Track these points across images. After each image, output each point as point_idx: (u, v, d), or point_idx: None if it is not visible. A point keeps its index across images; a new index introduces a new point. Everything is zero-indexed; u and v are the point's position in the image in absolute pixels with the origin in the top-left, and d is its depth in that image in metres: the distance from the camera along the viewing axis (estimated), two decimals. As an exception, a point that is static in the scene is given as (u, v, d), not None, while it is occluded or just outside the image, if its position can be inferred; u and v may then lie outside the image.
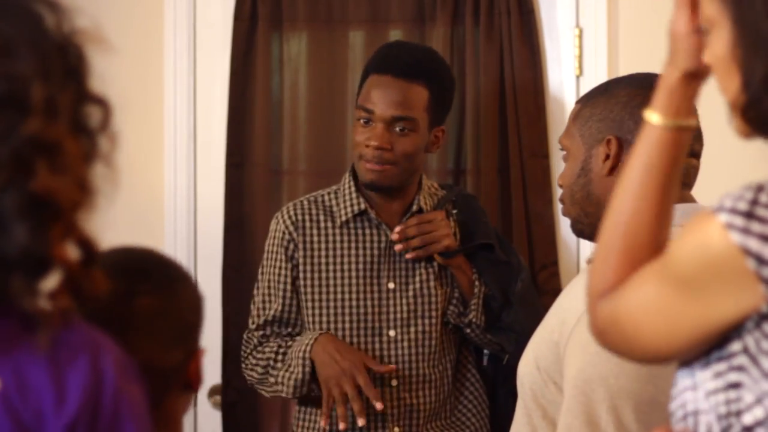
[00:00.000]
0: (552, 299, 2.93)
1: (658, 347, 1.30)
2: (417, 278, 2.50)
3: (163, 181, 3.09)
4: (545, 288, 2.99)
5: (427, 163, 3.06)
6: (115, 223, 3.68)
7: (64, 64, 1.08)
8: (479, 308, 2.50)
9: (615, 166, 1.84)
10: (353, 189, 2.52)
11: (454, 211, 2.58)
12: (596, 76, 2.91)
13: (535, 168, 2.99)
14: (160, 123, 3.09)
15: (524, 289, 2.53)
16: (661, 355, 1.31)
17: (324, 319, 2.49)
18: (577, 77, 3.00)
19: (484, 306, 2.51)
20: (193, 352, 1.42)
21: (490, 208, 3.01)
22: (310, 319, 2.50)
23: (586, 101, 1.90)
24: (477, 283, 2.51)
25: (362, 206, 2.51)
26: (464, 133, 3.05)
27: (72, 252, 1.07)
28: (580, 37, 3.00)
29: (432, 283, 2.51)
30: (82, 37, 1.10)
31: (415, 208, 2.51)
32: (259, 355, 2.53)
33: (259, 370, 2.52)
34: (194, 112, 3.11)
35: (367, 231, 2.52)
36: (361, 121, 2.44)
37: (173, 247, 3.07)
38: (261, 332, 2.54)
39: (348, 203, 2.52)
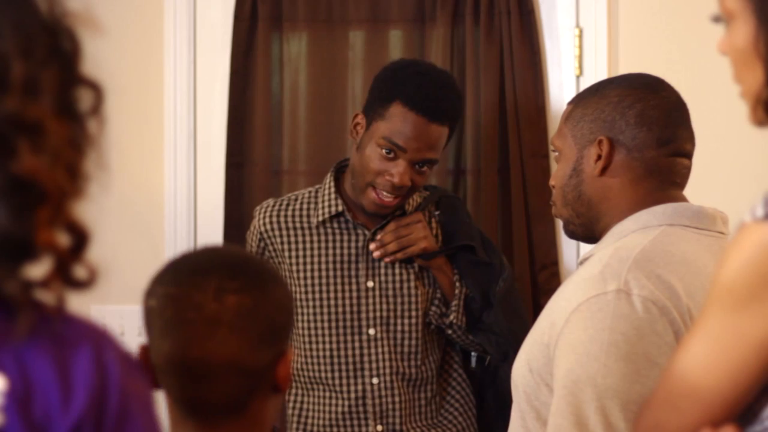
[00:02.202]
0: (552, 299, 2.96)
1: (724, 395, 1.27)
2: (397, 278, 2.50)
3: (163, 181, 3.09)
4: (545, 288, 2.99)
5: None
6: (116, 223, 3.69)
7: (51, 45, 1.05)
8: (460, 309, 2.50)
9: (606, 166, 1.84)
10: (333, 190, 2.52)
11: (437, 213, 2.58)
12: (596, 76, 2.91)
13: (535, 168, 2.99)
14: (160, 123, 3.09)
15: (506, 290, 2.53)
16: (728, 404, 1.28)
17: (303, 318, 2.50)
18: (577, 77, 3.00)
19: (464, 307, 2.51)
20: (281, 354, 1.42)
21: (490, 208, 3.01)
22: (294, 317, 2.51)
23: (578, 102, 1.90)
24: (458, 284, 2.51)
25: (339, 208, 2.50)
26: (464, 133, 3.05)
27: (62, 238, 1.04)
28: (580, 37, 3.00)
29: (412, 283, 2.50)
30: (74, 20, 1.08)
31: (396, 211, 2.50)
32: None
33: None
34: (194, 112, 3.11)
35: (344, 231, 2.52)
36: (384, 151, 2.39)
37: (173, 247, 3.07)
38: None
39: (326, 204, 2.51)
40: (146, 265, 1.47)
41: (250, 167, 3.07)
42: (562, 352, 1.72)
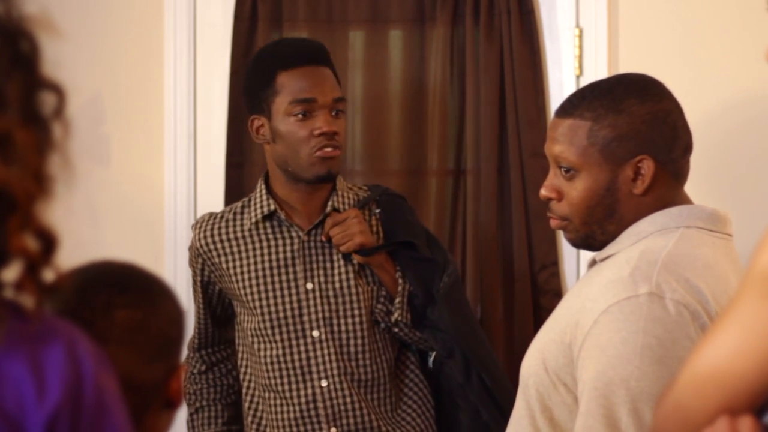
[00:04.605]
0: (552, 299, 2.95)
1: (749, 383, 1.26)
2: (336, 277, 2.47)
3: (163, 181, 3.09)
4: (545, 288, 2.99)
5: (427, 163, 3.06)
6: (116, 224, 3.69)
7: (12, 53, 1.05)
8: (404, 306, 2.47)
9: (650, 185, 1.82)
10: (264, 192, 2.49)
11: (377, 210, 2.55)
12: (596, 76, 2.91)
13: (535, 168, 2.99)
14: (160, 123, 3.09)
15: (450, 285, 2.49)
16: (752, 392, 1.27)
17: (248, 326, 2.48)
18: (577, 77, 3.00)
19: (408, 304, 2.48)
20: (173, 368, 1.39)
21: (490, 208, 3.01)
22: (243, 325, 2.51)
23: (597, 119, 1.83)
24: (401, 281, 2.47)
25: (272, 207, 2.46)
26: (464, 133, 3.05)
27: (31, 243, 1.05)
28: (580, 37, 3.00)
29: (352, 282, 2.47)
30: (32, 23, 1.07)
31: (328, 209, 2.47)
32: (187, 386, 2.60)
33: (185, 401, 2.60)
34: (194, 112, 3.11)
35: (278, 233, 2.48)
36: (299, 115, 2.40)
37: (173, 247, 3.07)
38: (191, 356, 2.61)
39: (258, 205, 2.49)
40: (146, 265, 1.46)
41: (250, 167, 3.07)
42: (590, 353, 1.71)
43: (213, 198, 3.10)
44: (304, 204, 2.48)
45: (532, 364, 1.82)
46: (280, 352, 2.45)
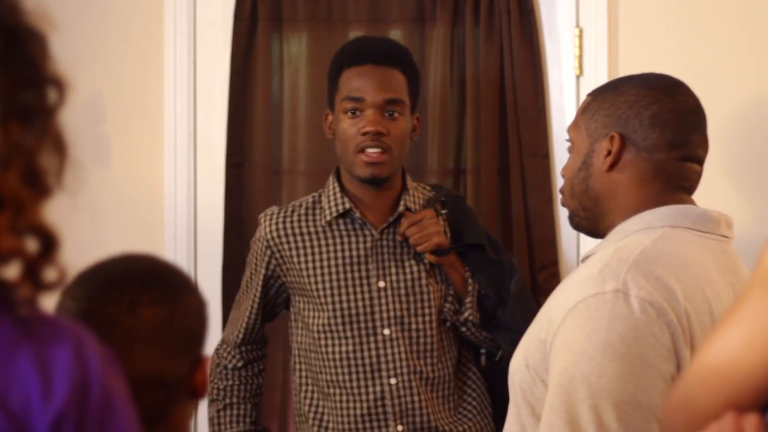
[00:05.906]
0: (552, 299, 2.96)
1: (755, 379, 1.27)
2: (408, 276, 2.50)
3: (163, 181, 3.09)
4: (545, 288, 2.99)
5: (427, 163, 3.06)
6: (116, 224, 3.68)
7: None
8: (474, 306, 2.50)
9: (615, 162, 1.84)
10: (338, 189, 2.51)
11: (444, 211, 2.58)
12: (596, 76, 2.92)
13: (535, 168, 2.99)
14: (160, 123, 3.09)
15: (520, 289, 2.54)
16: (758, 388, 1.27)
17: (318, 321, 2.50)
18: (577, 77, 3.00)
19: (478, 304, 2.51)
20: (198, 361, 1.40)
21: (490, 208, 3.02)
22: (307, 321, 2.52)
23: (596, 95, 1.90)
24: (470, 281, 2.51)
25: (347, 206, 2.49)
26: (464, 133, 3.05)
27: (30, 243, 1.04)
28: (580, 37, 3.00)
29: (424, 281, 2.50)
30: (32, 18, 1.06)
31: (401, 208, 2.50)
32: (216, 381, 2.60)
33: (213, 395, 2.60)
34: (194, 112, 3.11)
35: (352, 231, 2.51)
36: (349, 113, 2.44)
37: (173, 247, 3.07)
38: (230, 350, 2.60)
39: (332, 204, 2.51)
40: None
41: (250, 167, 3.07)
42: (558, 349, 1.72)
43: (213, 198, 3.10)
44: (374, 201, 2.52)
45: (517, 361, 1.84)
46: (350, 348, 2.47)
